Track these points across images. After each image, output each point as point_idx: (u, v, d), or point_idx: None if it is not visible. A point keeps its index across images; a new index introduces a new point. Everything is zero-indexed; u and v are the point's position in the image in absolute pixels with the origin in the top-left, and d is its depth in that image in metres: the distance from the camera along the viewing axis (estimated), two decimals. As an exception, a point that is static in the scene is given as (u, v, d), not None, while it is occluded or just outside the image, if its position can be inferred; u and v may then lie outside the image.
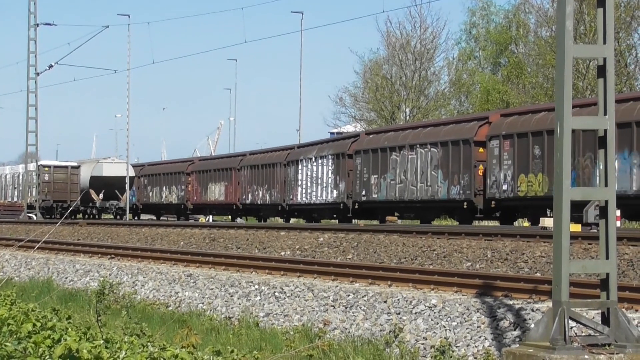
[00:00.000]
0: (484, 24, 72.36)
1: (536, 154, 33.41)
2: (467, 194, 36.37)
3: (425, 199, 38.56)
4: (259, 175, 53.26)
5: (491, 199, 35.32)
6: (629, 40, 58.52)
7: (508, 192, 34.54)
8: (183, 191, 63.06)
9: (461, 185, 36.70)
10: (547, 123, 32.57)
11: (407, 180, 39.56)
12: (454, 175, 37.03)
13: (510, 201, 34.90)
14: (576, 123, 12.23)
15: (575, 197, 12.31)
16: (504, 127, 35.20)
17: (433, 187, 38.11)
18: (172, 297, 22.41)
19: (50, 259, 30.38)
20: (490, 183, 35.36)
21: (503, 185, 34.79)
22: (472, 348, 14.81)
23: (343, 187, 44.07)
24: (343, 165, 44.12)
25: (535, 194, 33.37)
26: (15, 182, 70.64)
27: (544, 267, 21.20)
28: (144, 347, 7.48)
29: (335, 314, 17.86)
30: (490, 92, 67.33)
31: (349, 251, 27.39)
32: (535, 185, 33.43)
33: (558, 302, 11.60)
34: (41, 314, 9.48)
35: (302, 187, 48.04)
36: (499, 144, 35.03)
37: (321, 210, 47.45)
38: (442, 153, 37.68)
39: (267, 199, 52.09)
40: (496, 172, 35.10)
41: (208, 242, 33.86)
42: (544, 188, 32.99)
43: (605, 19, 12.07)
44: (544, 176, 32.95)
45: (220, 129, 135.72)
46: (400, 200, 40.11)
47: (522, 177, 33.87)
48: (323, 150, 47.02)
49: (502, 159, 34.84)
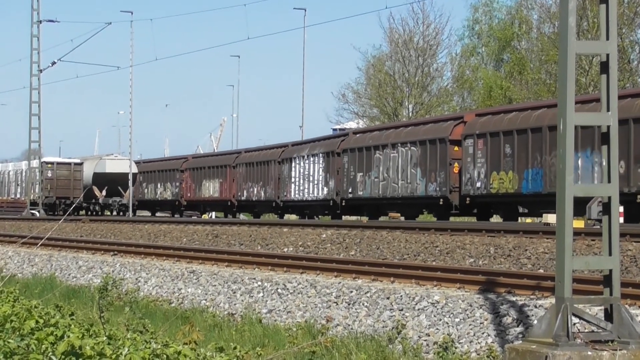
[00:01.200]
0: (486, 20, 72.31)
1: (507, 152, 34.70)
2: (443, 191, 37.71)
3: (405, 195, 39.90)
4: (254, 173, 54.31)
5: (466, 195, 36.57)
6: (632, 37, 58.54)
7: (481, 189, 35.83)
8: (177, 188, 64.29)
9: (438, 182, 38.05)
10: (517, 123, 34.28)
11: (389, 178, 40.90)
12: (431, 172, 38.41)
13: (483, 198, 36.18)
14: (579, 119, 12.21)
15: (578, 193, 12.30)
16: (477, 126, 36.52)
17: (413, 184, 39.47)
18: (174, 293, 22.42)
19: (53, 255, 30.41)
20: (465, 180, 36.60)
21: (477, 183, 36.08)
22: (475, 344, 14.81)
23: (333, 185, 45.36)
24: (333, 164, 45.40)
25: (507, 191, 34.61)
26: (18, 178, 70.68)
27: (547, 263, 21.19)
28: (146, 343, 7.47)
29: (338, 311, 17.86)
30: (493, 88, 67.31)
31: (352, 247, 27.39)
32: (507, 183, 34.68)
33: (561, 299, 11.59)
34: (44, 310, 9.48)
35: (295, 184, 49.22)
36: (473, 142, 36.27)
37: (313, 206, 48.62)
38: (421, 151, 39.04)
39: (262, 196, 53.16)
40: (470, 170, 36.36)
41: (211, 239, 33.87)
42: (514, 185, 34.30)
43: (608, 15, 12.05)
44: (514, 174, 34.26)
45: (223, 126, 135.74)
46: (383, 197, 41.43)
47: (495, 175, 35.12)
48: (315, 148, 48.22)
49: (476, 158, 36.11)
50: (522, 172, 33.96)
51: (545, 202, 33.18)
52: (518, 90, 63.93)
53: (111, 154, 69.99)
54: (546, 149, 32.74)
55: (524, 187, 33.94)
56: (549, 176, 32.45)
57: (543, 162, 32.93)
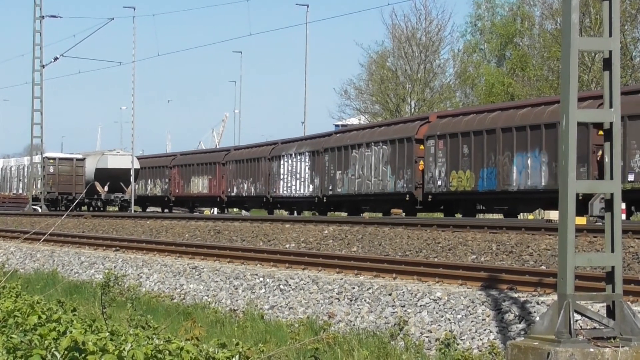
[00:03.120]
0: (489, 16, 72.26)
1: (465, 152, 36.79)
2: (409, 188, 39.81)
3: (377, 192, 42.05)
4: (245, 169, 56.00)
5: (428, 193, 38.69)
6: (634, 33, 58.44)
7: (442, 187, 37.97)
8: (167, 184, 65.99)
9: (405, 179, 40.14)
10: (474, 124, 36.55)
11: (364, 175, 42.98)
12: (399, 170, 40.48)
13: (444, 195, 38.24)
14: (581, 116, 12.19)
15: (581, 189, 12.29)
16: (439, 127, 38.72)
17: (384, 181, 41.47)
18: (177, 289, 22.43)
19: (56, 251, 30.42)
20: (428, 178, 38.71)
21: (438, 181, 38.20)
22: (477, 341, 14.81)
23: (318, 182, 47.39)
24: (318, 162, 47.49)
25: (464, 188, 36.64)
26: (21, 174, 70.68)
27: (549, 260, 21.19)
28: (149, 339, 7.47)
29: (340, 307, 17.86)
30: (495, 85, 67.27)
31: (354, 244, 27.40)
32: (464, 181, 36.67)
33: (563, 295, 11.59)
34: (46, 306, 9.48)
35: (283, 180, 51.11)
36: (434, 142, 38.44)
37: (300, 202, 50.64)
38: (391, 150, 41.09)
39: (252, 192, 54.88)
40: (432, 169, 38.48)
41: (213, 235, 33.88)
42: (471, 183, 36.36)
43: (611, 12, 12.04)
44: (471, 172, 36.34)
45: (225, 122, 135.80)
46: (358, 194, 43.57)
47: (454, 174, 37.20)
48: (302, 147, 50.24)
49: (437, 157, 38.24)
50: (478, 171, 36.00)
51: (499, 199, 36.03)
52: (520, 86, 63.89)
53: (113, 150, 70.03)
54: (499, 149, 34.88)
55: (480, 185, 35.90)
56: (502, 175, 34.70)
57: (497, 162, 34.99)
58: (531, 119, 33.94)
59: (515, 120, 34.72)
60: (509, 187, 34.56)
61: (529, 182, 33.73)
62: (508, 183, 34.58)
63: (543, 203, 34.89)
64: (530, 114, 34.29)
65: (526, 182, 33.86)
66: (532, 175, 33.55)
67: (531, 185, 33.67)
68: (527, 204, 36.02)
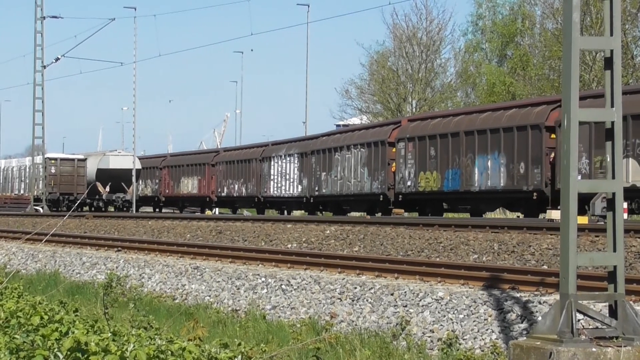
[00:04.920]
0: (490, 15, 72.20)
1: (432, 154, 38.89)
2: (383, 189, 41.84)
3: (356, 192, 44.22)
4: (235, 170, 57.89)
5: (399, 193, 40.75)
6: (635, 32, 58.40)
7: (411, 187, 40.05)
8: (157, 185, 68.13)
9: (379, 180, 42.22)
10: (439, 128, 38.62)
11: (345, 177, 45.18)
12: (375, 172, 42.57)
13: (413, 195, 40.28)
14: (583, 115, 12.18)
15: (583, 189, 12.28)
16: (408, 130, 40.86)
17: (362, 182, 43.60)
18: (178, 289, 22.43)
19: (57, 251, 30.41)
20: (399, 179, 40.91)
21: (408, 181, 40.33)
22: (479, 341, 14.81)
23: (306, 183, 49.23)
24: (306, 163, 49.35)
25: (432, 189, 38.73)
26: (22, 174, 70.70)
27: (551, 259, 21.18)
28: (151, 339, 7.48)
29: (342, 307, 17.86)
30: (496, 84, 67.24)
31: (356, 244, 27.39)
32: (432, 182, 38.74)
33: (565, 295, 11.58)
34: (48, 306, 9.47)
35: (274, 181, 53.04)
36: (404, 145, 40.61)
37: (290, 202, 52.53)
38: (367, 153, 43.32)
39: (244, 192, 56.74)
40: (403, 170, 40.56)
41: (214, 235, 33.88)
42: (437, 184, 38.43)
43: (612, 11, 12.03)
44: (437, 174, 38.42)
45: (226, 122, 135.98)
46: (340, 195, 45.75)
47: (422, 175, 39.32)
48: (291, 149, 52.10)
49: (407, 159, 40.38)
50: (444, 172, 38.09)
51: (462, 199, 38.12)
52: (521, 86, 63.87)
53: (115, 150, 70.09)
54: (463, 152, 36.99)
55: (446, 186, 37.98)
56: (465, 176, 36.82)
57: (460, 163, 37.05)
58: (491, 123, 36.08)
59: (476, 124, 36.70)
60: (471, 187, 36.58)
61: (489, 183, 35.79)
62: (471, 183, 36.56)
63: (503, 203, 37.77)
64: (490, 118, 36.42)
65: (487, 183, 35.87)
66: (492, 176, 35.54)
67: (491, 186, 35.66)
68: (488, 204, 38.15)
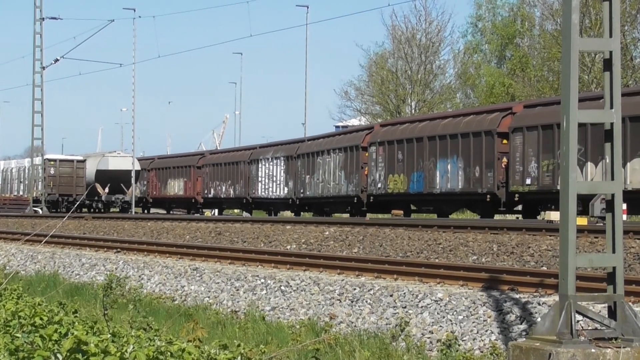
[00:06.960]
0: (489, 17, 72.24)
1: (399, 158, 40.84)
2: (357, 191, 43.98)
3: (334, 194, 46.35)
4: (223, 172, 59.51)
5: (370, 194, 42.73)
6: (635, 34, 58.44)
7: (381, 189, 41.98)
8: (145, 186, 69.82)
9: (354, 183, 44.38)
10: (406, 133, 40.71)
11: (325, 180, 47.25)
12: (350, 175, 44.77)
13: (383, 196, 42.13)
14: (582, 117, 12.17)
15: (582, 190, 12.28)
16: (379, 135, 42.78)
17: (339, 185, 45.76)
18: (178, 291, 22.43)
19: (56, 252, 30.41)
20: (370, 182, 42.79)
21: (378, 184, 42.27)
22: (478, 342, 14.81)
23: (292, 185, 51.12)
24: (292, 166, 51.24)
25: (399, 191, 40.78)
26: (21, 176, 70.65)
27: (550, 260, 21.19)
28: (151, 341, 7.48)
29: (342, 308, 17.86)
30: (495, 85, 67.26)
31: (355, 245, 27.40)
32: (399, 184, 40.77)
33: (564, 296, 11.58)
34: (48, 308, 9.47)
35: (261, 183, 54.83)
36: (375, 149, 42.54)
37: (277, 204, 54.26)
38: (344, 157, 45.49)
39: (232, 193, 58.26)
40: (374, 173, 42.52)
41: (214, 236, 33.88)
42: (404, 186, 40.49)
43: (612, 12, 12.03)
44: (404, 176, 40.50)
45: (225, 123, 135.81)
46: (321, 197, 47.79)
47: (390, 177, 41.29)
48: (277, 152, 53.91)
49: (377, 162, 42.34)
50: (409, 175, 40.21)
51: (426, 200, 40.27)
52: (520, 87, 63.89)
53: (114, 151, 70.04)
54: (426, 156, 39.13)
55: (411, 188, 40.10)
56: (428, 178, 39.07)
57: (424, 167, 39.30)
58: (451, 128, 38.03)
59: (438, 129, 38.77)
60: (433, 189, 38.73)
61: (449, 185, 37.79)
62: (433, 186, 38.64)
63: (463, 204, 40.62)
64: (451, 124, 38.38)
65: (447, 185, 37.97)
66: (451, 179, 37.74)
67: (451, 188, 37.80)
68: (450, 205, 40.14)
